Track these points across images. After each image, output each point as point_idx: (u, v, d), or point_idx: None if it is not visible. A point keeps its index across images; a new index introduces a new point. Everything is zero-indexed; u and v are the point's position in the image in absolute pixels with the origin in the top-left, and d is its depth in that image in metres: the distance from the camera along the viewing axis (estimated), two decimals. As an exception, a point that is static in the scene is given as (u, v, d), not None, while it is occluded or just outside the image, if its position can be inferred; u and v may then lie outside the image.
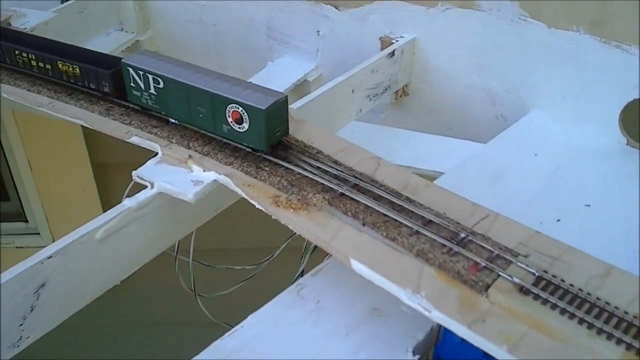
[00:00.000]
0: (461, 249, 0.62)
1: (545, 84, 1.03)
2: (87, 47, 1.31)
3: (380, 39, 1.16)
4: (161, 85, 0.80)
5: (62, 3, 1.35)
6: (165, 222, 0.78)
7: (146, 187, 0.75)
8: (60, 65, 0.90)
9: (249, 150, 0.77)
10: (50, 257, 0.66)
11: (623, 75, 0.94)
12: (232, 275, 1.02)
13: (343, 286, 0.72)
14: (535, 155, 0.97)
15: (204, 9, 1.37)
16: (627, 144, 0.97)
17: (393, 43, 1.13)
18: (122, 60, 0.83)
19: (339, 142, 0.80)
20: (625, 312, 0.56)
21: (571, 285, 0.59)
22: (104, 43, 1.38)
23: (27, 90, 0.94)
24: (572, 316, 0.56)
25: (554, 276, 0.59)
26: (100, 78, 0.87)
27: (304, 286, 0.73)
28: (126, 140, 0.81)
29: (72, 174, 2.03)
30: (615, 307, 0.56)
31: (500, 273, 0.60)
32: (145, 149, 0.82)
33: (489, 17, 1.04)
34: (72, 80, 0.90)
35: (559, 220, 0.83)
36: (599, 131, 0.99)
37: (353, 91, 1.05)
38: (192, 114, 0.79)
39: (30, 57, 0.92)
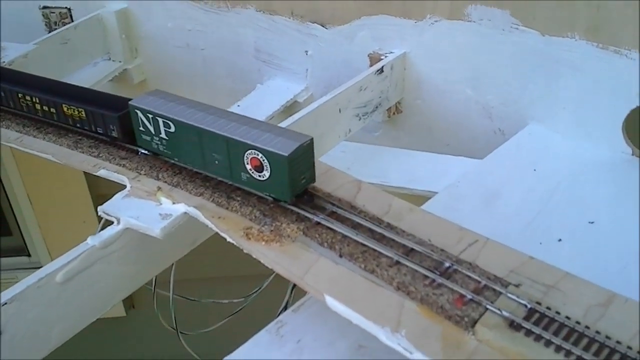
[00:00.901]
0: (445, 280, 0.57)
1: (543, 94, 0.98)
2: (73, 78, 1.31)
3: (368, 55, 1.12)
4: (172, 130, 0.73)
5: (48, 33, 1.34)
6: (135, 260, 0.73)
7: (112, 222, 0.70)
8: (65, 109, 0.84)
9: (272, 199, 0.69)
10: (5, 303, 0.62)
11: (624, 82, 0.88)
12: (218, 307, 0.97)
13: (326, 322, 0.67)
14: (535, 170, 0.91)
15: (191, 33, 1.34)
16: (633, 154, 0.91)
17: (382, 59, 1.09)
18: (130, 102, 0.76)
19: (318, 166, 0.75)
20: (629, 347, 0.49)
21: (567, 317, 0.53)
22: (91, 73, 1.36)
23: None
24: (568, 353, 0.49)
25: (548, 308, 0.54)
26: (107, 122, 0.81)
27: (284, 324, 0.67)
28: (94, 173, 0.77)
29: (72, 206, 2.01)
30: (617, 342, 0.50)
31: (488, 306, 0.54)
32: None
33: (480, 28, 0.99)
34: (78, 125, 0.84)
35: (560, 240, 0.77)
36: (602, 142, 0.93)
37: (340, 111, 1.01)
38: (206, 160, 0.71)
39: (34, 100, 0.87)
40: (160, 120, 0.73)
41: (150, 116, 0.74)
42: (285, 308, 0.78)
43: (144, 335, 2.03)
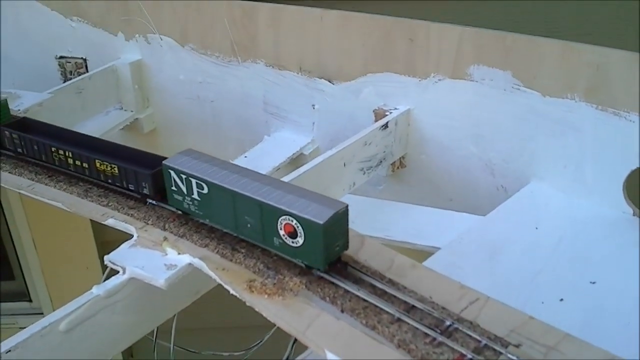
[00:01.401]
0: (446, 338, 0.57)
1: (545, 153, 1.00)
2: (86, 126, 1.34)
3: (374, 111, 1.15)
4: (205, 191, 0.72)
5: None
6: (139, 310, 0.73)
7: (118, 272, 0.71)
8: (98, 165, 0.85)
9: (304, 266, 0.68)
10: (9, 351, 0.62)
11: (624, 143, 0.90)
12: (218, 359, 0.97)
13: (327, 377, 0.67)
14: (537, 228, 0.92)
15: (201, 86, 1.37)
16: (634, 215, 0.92)
17: (387, 115, 1.11)
18: (164, 162, 0.76)
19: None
20: (630, 413, 0.49)
21: (568, 380, 0.53)
22: (103, 122, 1.39)
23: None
24: (569, 417, 0.49)
25: (548, 369, 0.54)
26: (139, 179, 0.81)
27: (284, 379, 0.67)
28: (103, 222, 0.79)
29: (76, 252, 2.02)
30: (618, 407, 0.50)
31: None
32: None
33: (482, 87, 1.02)
34: (109, 181, 0.84)
35: (562, 299, 0.77)
36: (603, 201, 0.94)
37: (345, 165, 1.03)
38: (238, 223, 0.71)
39: (67, 154, 0.88)
40: (193, 181, 0.72)
41: (184, 176, 0.73)
42: (286, 362, 0.78)
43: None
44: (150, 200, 0.81)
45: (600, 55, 0.89)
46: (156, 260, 0.72)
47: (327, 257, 0.65)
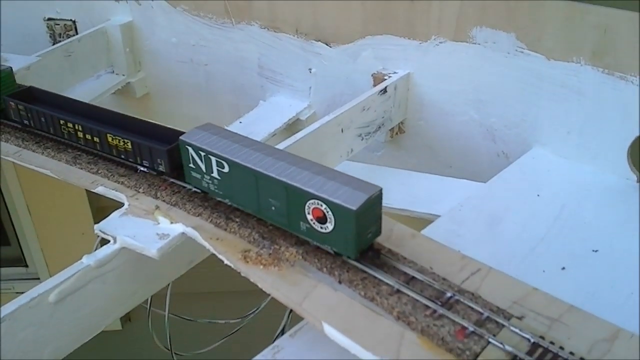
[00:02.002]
0: (447, 311, 0.55)
1: (548, 118, 0.97)
2: (76, 90, 1.30)
3: (372, 75, 1.11)
4: (226, 170, 0.67)
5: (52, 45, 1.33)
6: (131, 279, 0.72)
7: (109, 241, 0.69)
8: (109, 139, 0.79)
9: (333, 253, 0.63)
10: (-3, 323, 0.60)
11: (629, 108, 0.88)
12: (214, 326, 0.96)
13: (324, 348, 0.65)
14: (538, 195, 0.90)
15: (195, 49, 1.33)
16: (637, 181, 0.90)
17: (386, 79, 1.08)
18: (181, 138, 0.70)
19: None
20: (635, 386, 0.48)
21: (571, 353, 0.51)
22: (94, 86, 1.35)
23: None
24: (573, 391, 0.48)
25: (552, 342, 0.52)
26: (154, 155, 0.76)
27: (281, 349, 0.66)
28: (92, 190, 0.76)
29: (71, 218, 2.00)
30: (623, 380, 0.49)
31: (490, 339, 0.52)
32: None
33: (485, 50, 0.98)
34: (122, 156, 0.79)
35: (563, 268, 0.76)
36: (607, 168, 0.92)
37: (342, 130, 1.00)
38: (262, 205, 0.66)
39: (77, 128, 0.82)
40: (213, 159, 0.68)
41: (203, 154, 0.68)
42: (282, 332, 0.77)
43: (140, 349, 2.00)
44: (167, 178, 0.77)
45: (607, 16, 0.86)
46: (148, 229, 0.70)
47: (360, 245, 0.60)
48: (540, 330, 0.54)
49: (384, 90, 1.05)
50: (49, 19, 1.43)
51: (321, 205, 0.60)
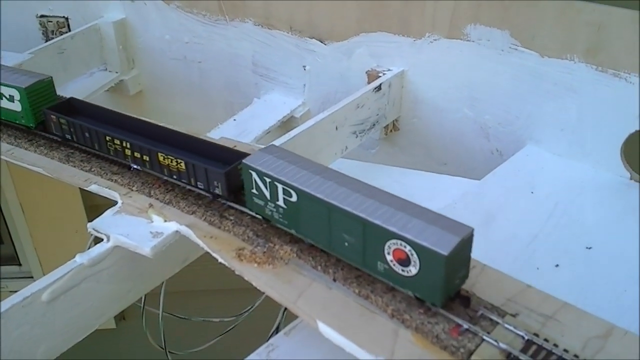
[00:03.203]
0: (441, 308, 0.55)
1: (541, 116, 0.97)
2: (69, 88, 1.29)
3: (366, 72, 1.11)
4: (293, 199, 0.61)
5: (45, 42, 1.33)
6: (125, 278, 0.71)
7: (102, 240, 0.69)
8: (161, 158, 0.73)
9: (416, 298, 0.57)
10: (-11, 322, 0.60)
11: (623, 105, 0.88)
12: (208, 324, 0.95)
13: (319, 346, 0.65)
14: (532, 192, 0.90)
15: (188, 46, 1.33)
16: (631, 179, 0.90)
17: (380, 76, 1.08)
18: (244, 161, 0.64)
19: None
20: (629, 383, 0.48)
21: (566, 350, 0.51)
22: (87, 83, 1.35)
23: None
24: (567, 388, 0.48)
25: (546, 340, 0.52)
26: (211, 177, 0.69)
27: (275, 347, 0.66)
28: (85, 188, 0.76)
29: (64, 217, 2.00)
30: (617, 377, 0.49)
31: (484, 337, 0.52)
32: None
33: (479, 48, 0.98)
34: (174, 177, 0.73)
35: (557, 265, 0.76)
36: (600, 165, 0.92)
37: (337, 128, 1.00)
38: (333, 240, 0.60)
39: (124, 145, 0.76)
40: (279, 186, 0.62)
41: (268, 180, 0.62)
42: (277, 330, 0.77)
43: (134, 347, 2.00)
44: (224, 201, 0.71)
45: (601, 14, 0.86)
46: (141, 227, 0.69)
47: (447, 292, 0.54)
48: (534, 328, 0.54)
49: (378, 88, 1.05)
50: (42, 16, 1.42)
51: (404, 247, 0.54)
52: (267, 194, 0.63)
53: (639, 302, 0.68)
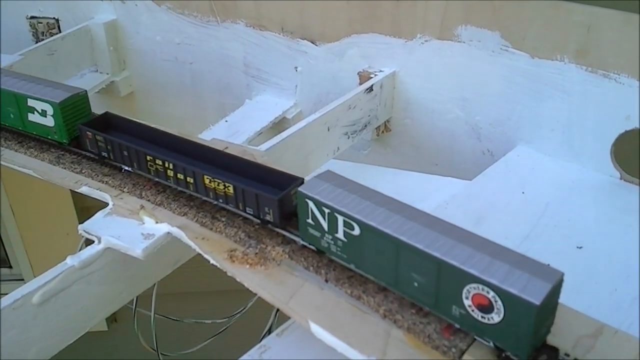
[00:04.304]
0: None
1: (532, 116, 0.98)
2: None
3: (358, 73, 1.11)
4: (356, 232, 0.57)
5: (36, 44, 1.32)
6: (116, 280, 0.71)
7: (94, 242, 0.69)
8: (207, 181, 0.69)
9: (495, 347, 0.52)
10: (-21, 325, 0.59)
11: (613, 106, 0.88)
12: (200, 326, 0.95)
13: (312, 347, 0.65)
14: (523, 192, 0.90)
15: (180, 47, 1.33)
16: (621, 179, 0.91)
17: (372, 77, 1.08)
18: (300, 189, 0.60)
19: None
20: (619, 382, 0.49)
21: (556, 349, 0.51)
22: (78, 85, 1.32)
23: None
24: (557, 387, 0.48)
25: (536, 339, 0.52)
26: (262, 203, 0.65)
27: (268, 348, 0.66)
28: (76, 190, 0.76)
29: (55, 218, 1.98)
30: (607, 376, 0.49)
31: (475, 337, 0.53)
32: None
33: (470, 49, 0.99)
34: (220, 200, 0.69)
35: (548, 265, 0.76)
36: (591, 165, 0.93)
37: (329, 129, 1.00)
38: (400, 278, 0.55)
39: (167, 165, 0.72)
40: (340, 217, 0.57)
41: (327, 210, 0.58)
42: (269, 331, 0.77)
43: (126, 350, 1.99)
44: (275, 229, 0.67)
45: (590, 15, 0.87)
46: (133, 229, 0.69)
47: (534, 343, 0.49)
48: (525, 327, 0.54)
49: (370, 89, 1.05)
50: (32, 17, 1.41)
51: (487, 292, 0.49)
52: (325, 225, 0.59)
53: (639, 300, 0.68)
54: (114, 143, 0.76)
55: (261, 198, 0.64)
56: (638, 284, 0.72)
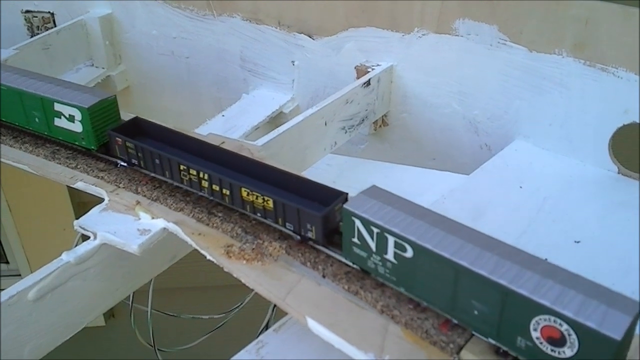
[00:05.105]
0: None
1: (530, 110, 0.97)
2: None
3: (355, 67, 1.11)
4: (408, 254, 0.53)
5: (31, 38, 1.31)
6: (112, 276, 0.71)
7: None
8: (244, 194, 0.65)
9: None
10: (-26, 322, 0.59)
11: (611, 100, 0.88)
12: (197, 321, 0.95)
13: (309, 343, 0.65)
14: (521, 187, 0.90)
15: (176, 41, 1.32)
16: (619, 173, 0.90)
17: (369, 71, 1.08)
18: (345, 206, 0.56)
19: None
20: (617, 377, 0.48)
21: (554, 344, 0.51)
22: (73, 79, 1.32)
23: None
24: (555, 383, 0.48)
25: (534, 334, 0.52)
26: (304, 219, 0.61)
27: (265, 344, 0.65)
28: (71, 186, 0.75)
29: (52, 214, 1.98)
30: (605, 371, 0.49)
31: (473, 332, 0.52)
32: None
33: (467, 43, 0.98)
34: (259, 214, 0.65)
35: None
36: (588, 159, 0.93)
37: (326, 124, 0.99)
38: (458, 305, 0.51)
39: (202, 176, 0.68)
40: (390, 238, 0.53)
41: (376, 230, 0.54)
42: (267, 327, 0.76)
43: (124, 345, 1.99)
44: (317, 246, 0.64)
45: (588, 9, 0.86)
46: (129, 225, 0.69)
47: None
48: (523, 322, 0.54)
49: (367, 83, 1.05)
50: (27, 11, 1.40)
51: (560, 325, 0.45)
52: (373, 245, 0.55)
53: None
54: (145, 151, 0.73)
55: (303, 214, 0.61)
56: (637, 278, 0.71)
